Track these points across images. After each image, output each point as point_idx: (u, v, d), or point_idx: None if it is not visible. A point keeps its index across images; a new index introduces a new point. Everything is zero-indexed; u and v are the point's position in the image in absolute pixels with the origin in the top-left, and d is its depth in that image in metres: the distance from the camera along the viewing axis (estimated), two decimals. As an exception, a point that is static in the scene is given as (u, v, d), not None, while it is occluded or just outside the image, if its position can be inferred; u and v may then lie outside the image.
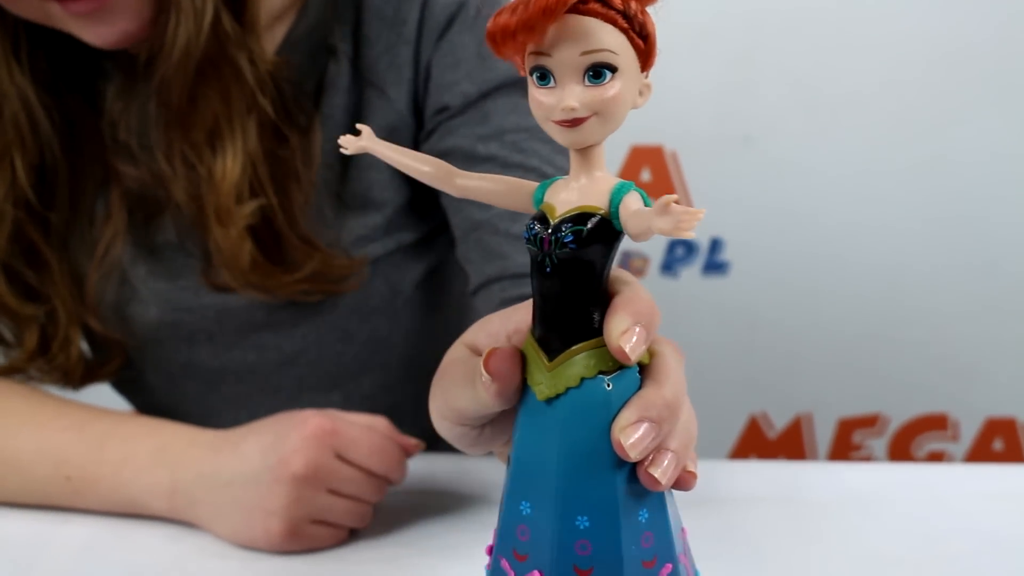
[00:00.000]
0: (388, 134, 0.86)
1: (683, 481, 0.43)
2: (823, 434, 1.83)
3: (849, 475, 0.90)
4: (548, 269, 0.41)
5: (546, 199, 0.43)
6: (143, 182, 0.85)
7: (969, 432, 1.82)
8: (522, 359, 0.43)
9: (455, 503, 0.82)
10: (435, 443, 1.02)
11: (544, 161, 0.82)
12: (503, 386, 0.43)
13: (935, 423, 1.81)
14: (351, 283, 0.87)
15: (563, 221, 0.41)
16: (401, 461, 0.78)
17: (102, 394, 0.95)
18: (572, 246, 0.40)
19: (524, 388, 0.43)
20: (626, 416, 0.41)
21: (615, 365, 0.41)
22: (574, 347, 0.41)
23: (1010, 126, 1.64)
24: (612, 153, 1.66)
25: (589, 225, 0.40)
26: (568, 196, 0.42)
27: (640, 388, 0.42)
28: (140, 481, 0.77)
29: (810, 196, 1.69)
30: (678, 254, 1.72)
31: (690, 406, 0.45)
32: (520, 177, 0.42)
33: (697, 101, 1.64)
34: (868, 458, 1.84)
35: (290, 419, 0.75)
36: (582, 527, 0.42)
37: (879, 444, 1.83)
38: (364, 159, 0.86)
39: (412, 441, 0.79)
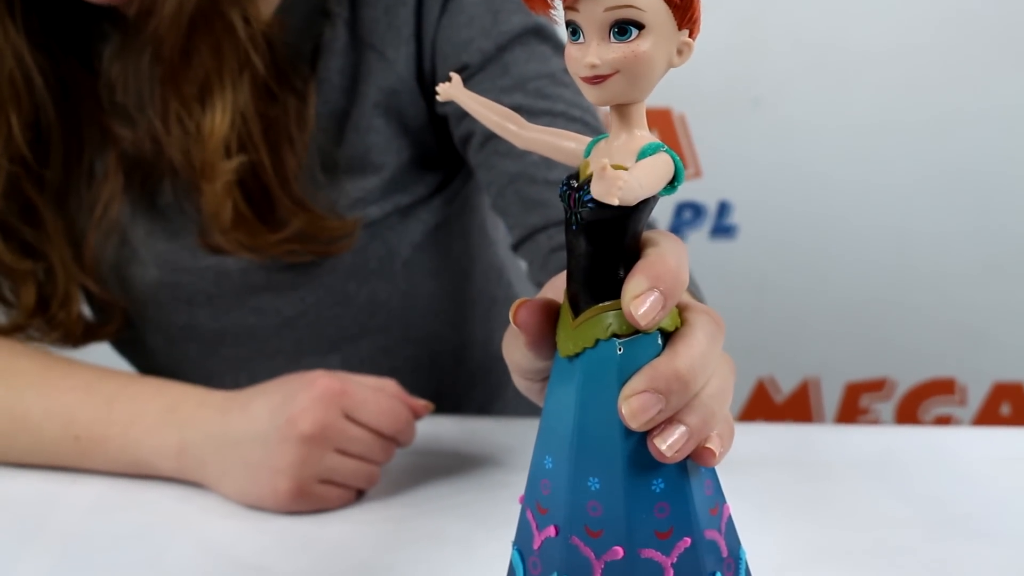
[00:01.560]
0: (388, 97, 0.85)
1: (700, 457, 0.42)
2: (830, 398, 1.83)
3: (857, 438, 0.90)
4: (574, 227, 0.41)
5: (590, 156, 0.42)
6: (140, 144, 0.85)
7: (976, 396, 1.82)
8: (555, 314, 0.43)
9: (462, 465, 0.82)
10: (442, 405, 1.03)
11: (570, 104, 0.82)
12: (531, 338, 0.43)
13: (943, 387, 1.81)
14: (342, 245, 0.87)
15: (588, 180, 0.40)
16: (410, 422, 0.78)
17: (106, 357, 0.95)
18: (591, 206, 0.39)
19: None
20: (632, 385, 0.40)
21: (631, 329, 0.41)
22: (597, 306, 0.41)
23: (1021, 87, 1.63)
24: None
25: None
26: (604, 154, 0.41)
27: (659, 356, 0.42)
28: (148, 441, 0.78)
29: (819, 159, 1.68)
30: (686, 217, 1.71)
31: (723, 380, 0.44)
32: (548, 123, 0.41)
33: (705, 63, 1.62)
34: (875, 422, 1.84)
35: (299, 379, 0.75)
36: (593, 488, 0.41)
37: (886, 408, 1.83)
38: (362, 122, 0.86)
39: (421, 403, 0.79)
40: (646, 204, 0.40)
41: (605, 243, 0.40)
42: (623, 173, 0.36)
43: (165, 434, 0.77)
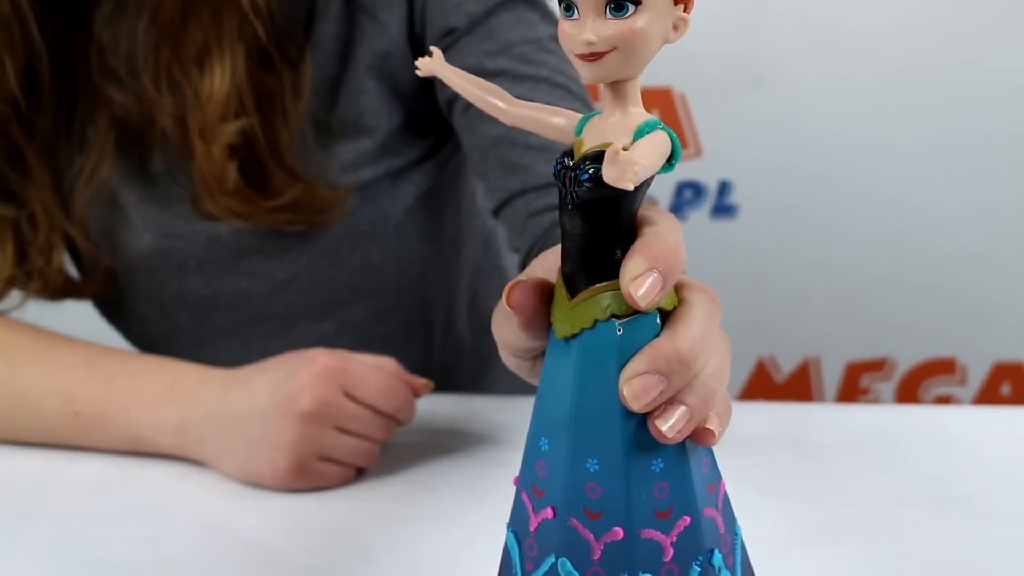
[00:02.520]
0: (381, 60, 0.85)
1: (700, 436, 0.42)
2: (831, 378, 1.83)
3: (857, 417, 0.90)
4: (570, 206, 0.40)
5: (582, 134, 0.41)
6: (130, 108, 0.85)
7: (977, 376, 1.82)
8: (549, 294, 0.43)
9: (462, 443, 0.82)
10: (441, 383, 1.03)
11: (554, 71, 0.82)
12: (524, 319, 0.42)
13: (943, 367, 1.81)
14: (333, 215, 0.87)
15: (584, 158, 0.39)
16: (409, 401, 0.78)
17: (105, 336, 0.95)
18: (588, 184, 0.39)
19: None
20: (633, 366, 0.40)
21: (630, 309, 0.40)
22: (594, 287, 0.40)
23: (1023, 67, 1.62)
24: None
25: None
26: (600, 132, 0.40)
27: (658, 336, 0.41)
28: (148, 418, 0.78)
29: (820, 138, 1.67)
30: (686, 197, 1.71)
31: (721, 359, 0.44)
32: (531, 89, 0.40)
33: (706, 43, 1.62)
34: (876, 402, 1.84)
35: (299, 357, 0.75)
36: (592, 470, 0.41)
37: (887, 388, 1.83)
38: (354, 85, 0.86)
39: (420, 381, 0.79)
40: (644, 183, 0.39)
41: (602, 222, 0.40)
42: (637, 157, 0.35)
43: (165, 411, 0.77)
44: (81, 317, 0.99)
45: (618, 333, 0.40)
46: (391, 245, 0.93)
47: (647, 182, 0.40)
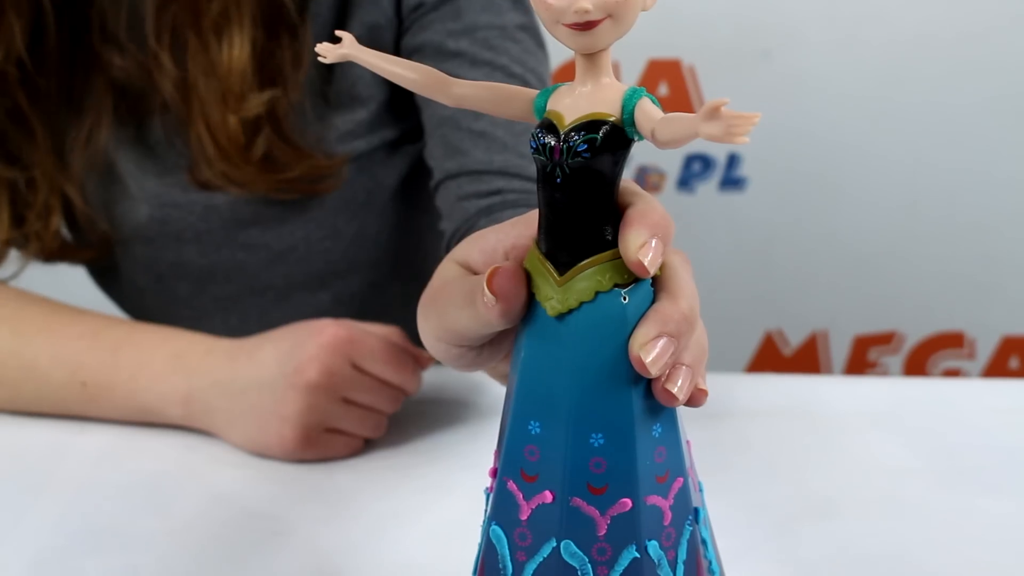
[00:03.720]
0: (370, 32, 0.85)
1: (694, 398, 0.42)
2: (838, 352, 1.83)
3: (865, 389, 0.90)
4: (559, 179, 0.39)
5: (549, 107, 0.41)
6: (130, 74, 0.85)
7: (985, 350, 1.81)
8: (526, 276, 0.42)
9: (469, 414, 0.82)
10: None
11: (514, 60, 0.82)
12: (508, 306, 0.41)
13: (951, 341, 1.81)
14: (329, 183, 0.87)
15: (574, 129, 0.39)
16: (416, 372, 0.78)
17: (110, 309, 0.95)
18: (586, 155, 0.38)
19: (529, 305, 0.42)
20: (644, 331, 0.40)
21: (630, 278, 0.40)
22: (586, 260, 0.40)
23: (1035, 39, 1.61)
24: (629, 67, 1.64)
25: (602, 133, 0.38)
26: (575, 103, 0.40)
27: (654, 301, 0.41)
28: (155, 388, 0.78)
29: (829, 111, 1.66)
30: (695, 169, 1.70)
31: (700, 320, 0.44)
32: (487, 75, 0.40)
33: (715, 15, 1.61)
34: (884, 375, 1.84)
35: (307, 328, 0.75)
36: (596, 445, 0.41)
37: (895, 362, 1.83)
38: None
39: (426, 353, 0.79)
40: (627, 149, 0.39)
41: (591, 194, 0.39)
42: (749, 114, 0.34)
43: (172, 381, 0.77)
44: (80, 283, 0.99)
45: (624, 302, 0.40)
46: (387, 215, 0.93)
47: (630, 148, 0.40)
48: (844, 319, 1.81)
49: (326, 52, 0.44)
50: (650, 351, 0.39)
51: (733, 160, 1.69)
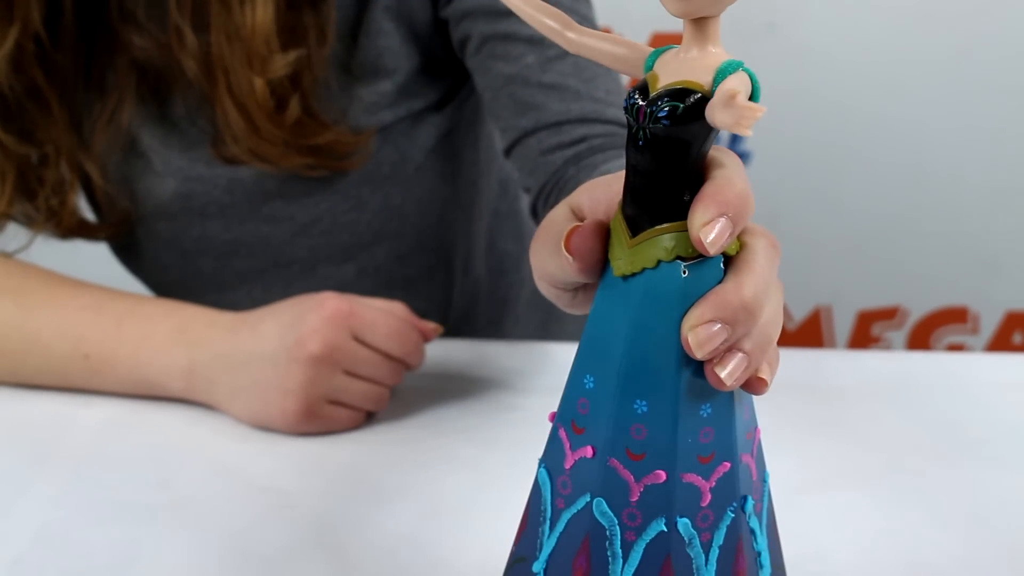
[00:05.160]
0: (398, 1, 0.84)
1: (752, 385, 0.41)
2: (842, 326, 1.83)
3: (871, 363, 0.90)
4: (640, 143, 0.39)
5: (655, 68, 0.40)
6: (150, 53, 0.84)
7: (989, 325, 1.81)
8: (607, 234, 0.42)
9: (473, 388, 0.82)
10: (460, 324, 1.02)
11: (566, 11, 0.81)
12: (583, 263, 0.41)
13: (955, 316, 1.81)
14: (355, 160, 0.87)
15: (662, 95, 0.38)
16: (418, 345, 0.78)
17: (120, 281, 0.95)
18: (665, 122, 0.38)
19: (607, 261, 0.42)
20: (698, 313, 0.39)
21: (696, 252, 0.39)
22: (658, 227, 0.39)
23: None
24: (633, 39, 1.63)
25: (687, 102, 0.37)
26: (676, 68, 0.39)
27: (721, 281, 0.40)
28: (158, 361, 0.78)
29: (833, 86, 1.66)
30: (699, 144, 1.69)
31: (777, 306, 0.43)
32: None
33: (720, -14, 1.60)
34: (888, 350, 1.83)
35: (308, 301, 0.75)
36: (640, 412, 0.40)
37: (898, 336, 1.83)
38: (373, 26, 0.85)
39: (430, 326, 0.79)
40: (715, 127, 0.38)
41: (671, 161, 0.39)
42: (757, 106, 0.34)
43: (174, 354, 0.77)
44: (92, 259, 0.99)
45: (683, 275, 0.39)
46: (412, 187, 0.93)
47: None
48: (848, 294, 1.81)
49: None
50: (700, 334, 0.39)
51: (736, 135, 1.68)
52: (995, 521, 0.66)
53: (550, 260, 0.43)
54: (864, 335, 1.83)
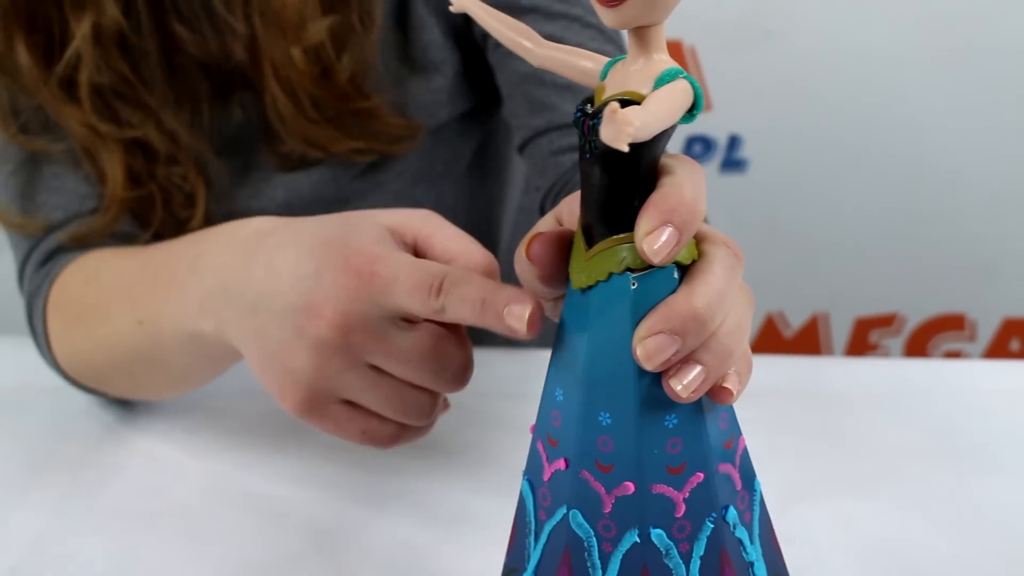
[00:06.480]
0: None
1: (717, 395, 0.41)
2: (839, 333, 1.83)
3: (867, 370, 0.89)
4: (588, 155, 0.39)
5: (606, 79, 0.40)
6: (204, 48, 0.80)
7: (986, 332, 1.81)
8: (569, 244, 0.42)
9: (472, 396, 0.81)
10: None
11: (588, 11, 0.80)
12: (543, 271, 0.41)
13: (952, 323, 1.81)
14: (404, 145, 0.85)
15: (604, 106, 0.37)
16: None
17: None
18: None
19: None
20: (647, 325, 0.39)
21: (646, 263, 0.39)
22: (611, 239, 0.39)
23: (1038, 20, 1.61)
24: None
25: None
26: (621, 79, 0.39)
27: (674, 292, 0.40)
28: (174, 299, 0.64)
29: (831, 92, 1.66)
30: (696, 151, 1.70)
31: (740, 315, 0.42)
32: (563, 28, 0.39)
33: (717, -5, 1.61)
34: (885, 357, 1.83)
35: (343, 241, 0.55)
36: (604, 424, 0.41)
37: (896, 344, 1.83)
38: (417, 20, 0.84)
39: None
40: (664, 133, 0.38)
41: (620, 172, 0.39)
42: (633, 114, 0.33)
43: (188, 286, 0.62)
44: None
45: (632, 287, 0.39)
46: (463, 185, 0.93)
47: (668, 132, 0.38)
48: (845, 301, 1.81)
49: (454, 0, 0.42)
50: (648, 346, 0.39)
51: (734, 142, 1.69)
52: (993, 527, 0.66)
53: (528, 276, 0.43)
54: (862, 342, 1.83)
